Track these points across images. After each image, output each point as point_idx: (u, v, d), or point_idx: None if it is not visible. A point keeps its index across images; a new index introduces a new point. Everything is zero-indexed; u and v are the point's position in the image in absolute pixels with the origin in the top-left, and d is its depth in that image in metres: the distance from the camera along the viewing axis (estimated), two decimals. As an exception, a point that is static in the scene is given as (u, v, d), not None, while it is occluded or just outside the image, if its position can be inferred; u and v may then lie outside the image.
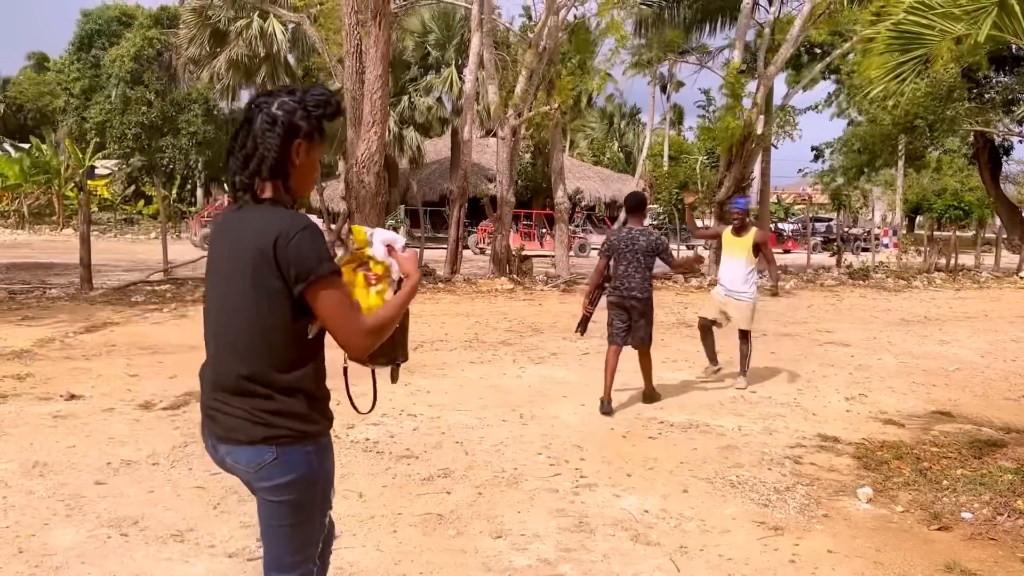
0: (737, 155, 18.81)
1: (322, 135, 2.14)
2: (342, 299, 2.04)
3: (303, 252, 1.99)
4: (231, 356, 2.10)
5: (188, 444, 5.18)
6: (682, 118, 62.76)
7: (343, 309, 2.04)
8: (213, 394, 2.16)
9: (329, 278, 2.01)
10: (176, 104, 34.65)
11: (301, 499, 2.12)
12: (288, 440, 2.07)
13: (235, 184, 2.11)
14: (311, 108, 2.08)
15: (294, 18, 20.41)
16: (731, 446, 5.58)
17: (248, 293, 2.05)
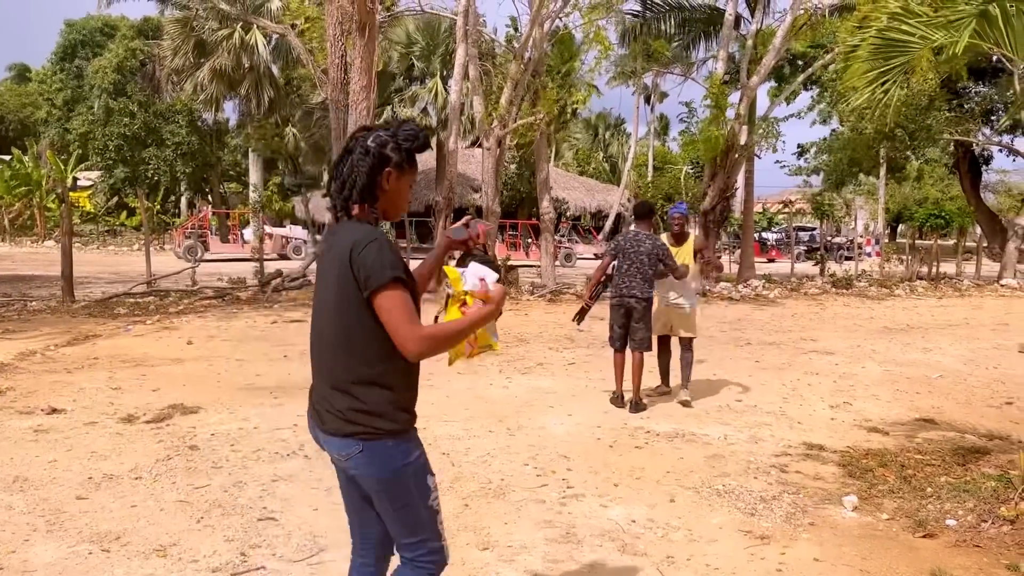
0: (721, 165, 18.95)
1: (412, 165, 2.38)
2: (400, 305, 2.23)
3: (370, 260, 2.21)
4: (327, 354, 2.36)
5: (171, 457, 5.14)
6: (667, 129, 63.07)
7: (399, 314, 2.22)
8: (315, 387, 2.43)
9: (389, 285, 2.21)
10: (159, 115, 34.50)
11: (392, 489, 2.34)
12: (370, 436, 2.28)
13: (334, 205, 2.38)
14: (401, 141, 2.34)
15: (278, 29, 20.41)
16: (717, 455, 5.59)
17: (336, 297, 2.31)
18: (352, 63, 15.18)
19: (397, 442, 2.32)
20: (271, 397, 6.99)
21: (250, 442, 5.53)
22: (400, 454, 2.32)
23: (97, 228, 36.23)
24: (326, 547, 3.84)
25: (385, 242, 2.25)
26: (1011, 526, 4.27)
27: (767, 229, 43.92)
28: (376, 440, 2.28)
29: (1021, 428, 6.36)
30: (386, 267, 2.21)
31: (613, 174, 53.20)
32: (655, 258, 6.80)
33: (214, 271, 19.10)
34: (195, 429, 5.83)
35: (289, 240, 29.16)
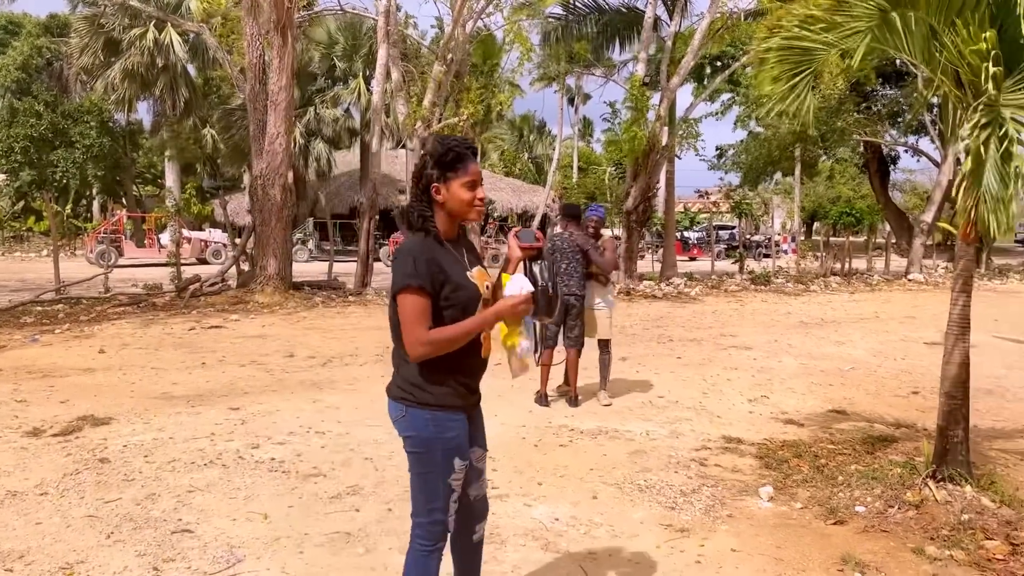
0: (643, 166, 19.25)
1: (454, 171, 2.63)
2: (407, 310, 2.55)
3: (396, 267, 2.58)
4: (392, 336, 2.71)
5: (80, 471, 4.94)
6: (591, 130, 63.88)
7: (406, 318, 2.55)
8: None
9: (403, 290, 2.54)
10: (68, 116, 33.10)
11: (421, 455, 2.65)
12: (410, 403, 2.62)
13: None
14: (433, 156, 2.64)
15: (193, 28, 19.85)
16: (639, 451, 5.68)
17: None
18: (271, 63, 14.90)
19: (434, 415, 2.62)
20: (188, 406, 6.79)
21: (165, 453, 5.36)
22: (434, 426, 2.62)
23: (2, 234, 34.57)
24: (244, 557, 3.74)
25: (415, 253, 2.56)
26: (916, 510, 4.46)
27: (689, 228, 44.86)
28: (414, 408, 2.62)
29: (926, 416, 6.65)
30: (405, 275, 2.54)
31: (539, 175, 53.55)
32: (587, 253, 7.04)
33: (129, 277, 18.46)
34: (106, 441, 5.62)
35: (208, 244, 28.38)
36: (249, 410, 6.62)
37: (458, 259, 2.68)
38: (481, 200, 2.68)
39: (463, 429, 2.68)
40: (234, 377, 8.09)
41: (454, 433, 2.65)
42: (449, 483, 2.66)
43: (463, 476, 2.70)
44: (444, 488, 2.66)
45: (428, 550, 2.71)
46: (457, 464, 2.66)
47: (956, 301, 4.82)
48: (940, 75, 4.73)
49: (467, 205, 2.65)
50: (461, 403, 2.68)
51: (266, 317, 12.75)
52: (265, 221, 14.97)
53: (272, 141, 14.76)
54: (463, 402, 2.69)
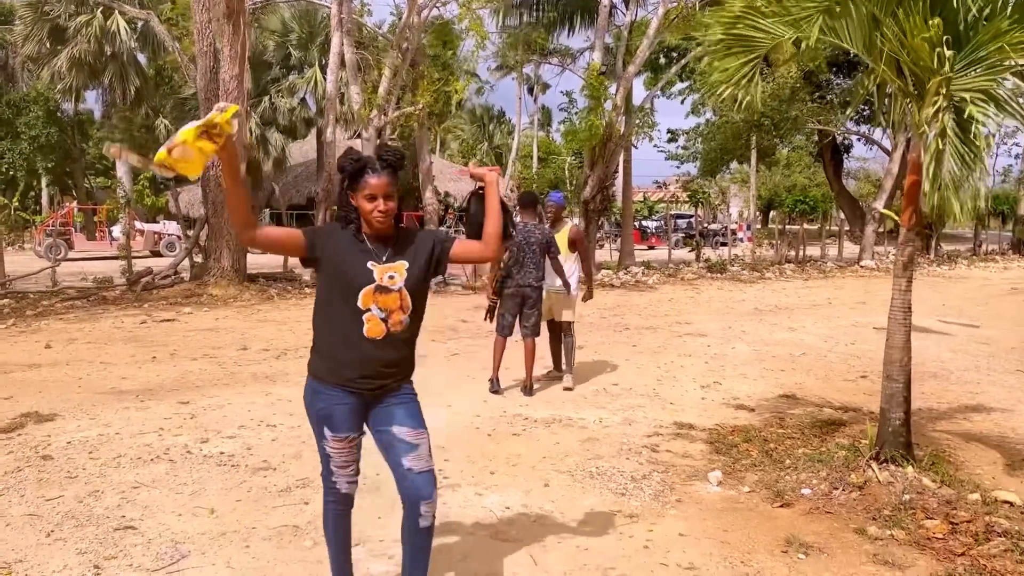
0: (600, 155, 19.31)
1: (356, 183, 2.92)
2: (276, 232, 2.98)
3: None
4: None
5: (22, 468, 4.83)
6: (550, 119, 63.85)
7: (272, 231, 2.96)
8: None
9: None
10: (13, 106, 32.20)
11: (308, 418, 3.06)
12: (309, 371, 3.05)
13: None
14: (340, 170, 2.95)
15: (141, 15, 19.41)
16: (592, 438, 5.71)
17: None
18: (222, 51, 14.62)
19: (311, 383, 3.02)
20: (137, 400, 6.66)
21: (110, 449, 5.25)
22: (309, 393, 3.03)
23: (-54, 227, 33.55)
24: (188, 553, 3.69)
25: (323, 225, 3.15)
26: (859, 492, 4.55)
27: (647, 217, 45.18)
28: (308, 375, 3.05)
29: (873, 400, 6.77)
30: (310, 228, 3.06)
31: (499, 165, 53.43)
32: (544, 246, 7.04)
33: (79, 270, 18.04)
34: (50, 438, 5.49)
35: (162, 236, 27.85)
36: (199, 404, 6.52)
37: (366, 251, 2.93)
38: (382, 212, 2.89)
39: (336, 403, 2.95)
40: (185, 371, 7.97)
41: (323, 404, 2.96)
42: (323, 447, 3.02)
43: (341, 448, 3.02)
44: (321, 451, 3.04)
45: (325, 500, 3.15)
46: (327, 433, 2.98)
47: (898, 286, 4.92)
48: (883, 65, 4.81)
49: (368, 214, 2.92)
50: (334, 380, 2.95)
51: (220, 310, 12.56)
52: (218, 212, 14.73)
53: (224, 131, 14.49)
54: (336, 380, 2.95)
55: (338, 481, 3.08)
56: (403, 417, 3.05)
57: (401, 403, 3.07)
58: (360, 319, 2.89)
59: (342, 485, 3.09)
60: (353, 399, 2.97)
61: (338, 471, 3.06)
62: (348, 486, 3.12)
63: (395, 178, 2.94)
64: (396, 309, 2.93)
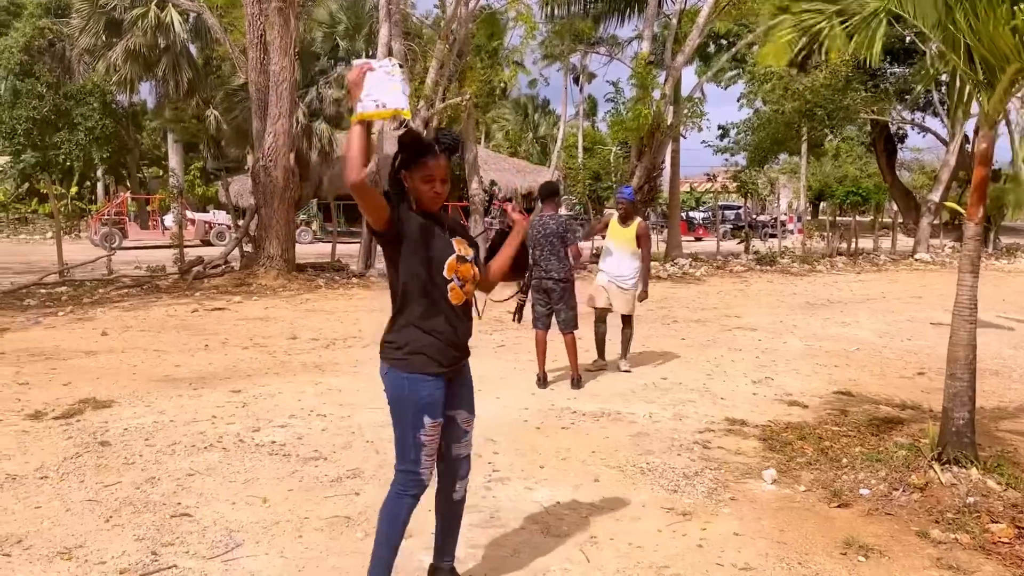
0: (647, 145, 19.11)
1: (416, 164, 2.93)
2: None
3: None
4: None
5: (81, 455, 4.92)
6: (596, 109, 63.43)
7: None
8: None
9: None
10: (70, 97, 32.98)
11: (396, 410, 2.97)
12: (391, 364, 2.96)
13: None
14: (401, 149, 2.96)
15: (193, 7, 19.69)
16: (642, 433, 5.64)
17: None
18: (272, 43, 14.76)
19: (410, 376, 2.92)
20: (190, 388, 6.77)
21: (165, 436, 5.34)
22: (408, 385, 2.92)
23: (7, 216, 34.54)
24: (242, 542, 3.72)
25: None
26: (920, 493, 4.42)
27: (694, 208, 44.67)
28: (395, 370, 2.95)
29: (931, 398, 6.59)
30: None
31: (544, 155, 53.29)
32: (561, 236, 6.94)
33: (132, 259, 18.45)
34: (107, 424, 5.60)
35: (212, 225, 28.35)
36: (251, 392, 6.60)
37: (437, 223, 2.98)
38: (438, 193, 2.95)
39: (437, 389, 2.95)
40: (236, 359, 8.07)
41: (426, 392, 2.92)
42: (419, 438, 2.93)
43: (436, 434, 2.97)
44: (414, 441, 2.93)
45: (400, 494, 3.01)
46: (427, 421, 2.92)
47: (963, 282, 4.75)
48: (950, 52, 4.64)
49: (425, 196, 2.95)
50: (435, 369, 2.94)
51: (269, 299, 12.72)
52: (268, 203, 14.91)
53: (274, 122, 14.66)
54: (437, 368, 2.94)
55: (424, 472, 3.00)
56: (464, 401, 3.14)
57: (464, 384, 3.15)
58: (446, 288, 2.96)
59: (427, 476, 3.02)
60: (444, 381, 3.00)
61: (426, 460, 2.99)
62: (430, 475, 3.06)
63: (450, 162, 3.01)
64: (469, 279, 3.04)
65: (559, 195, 7.33)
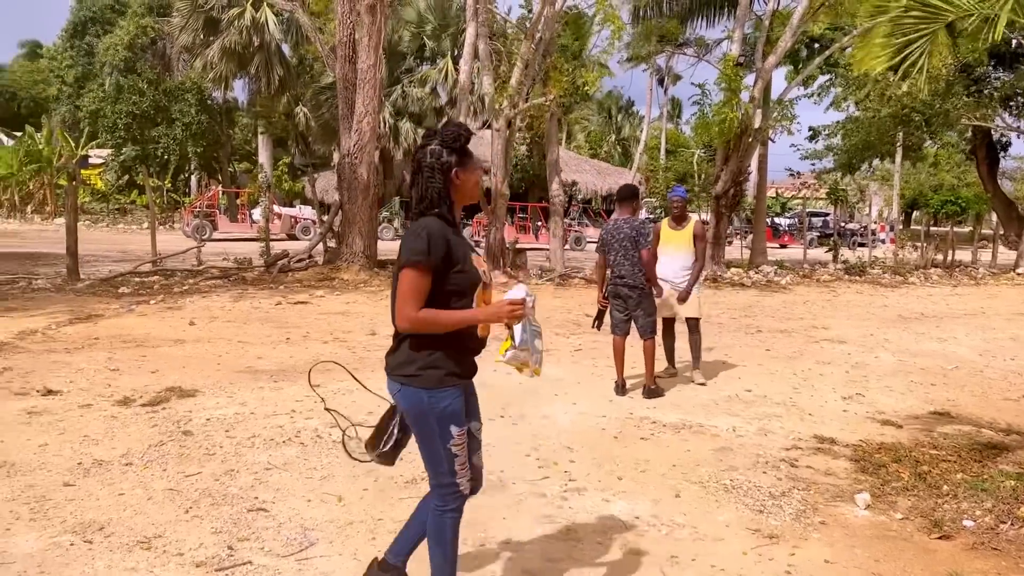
0: (734, 148, 18.64)
1: (468, 155, 2.82)
2: (405, 283, 2.68)
3: (405, 243, 2.72)
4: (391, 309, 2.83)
5: (164, 443, 5.02)
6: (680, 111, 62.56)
7: (403, 291, 2.68)
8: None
9: (407, 265, 2.67)
10: (169, 93, 34.27)
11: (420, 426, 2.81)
12: (405, 383, 2.78)
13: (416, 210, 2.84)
14: (450, 142, 2.78)
15: (287, 7, 20.16)
16: (725, 448, 5.43)
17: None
18: (360, 41, 14.96)
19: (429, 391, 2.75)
20: (271, 381, 6.86)
21: (246, 428, 5.41)
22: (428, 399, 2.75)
23: (107, 206, 36.15)
24: (316, 541, 3.70)
25: (431, 231, 2.68)
26: (1031, 528, 4.10)
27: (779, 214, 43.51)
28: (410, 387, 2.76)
29: (1040, 423, 6.17)
30: (415, 252, 2.66)
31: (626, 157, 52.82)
32: (634, 240, 6.70)
33: (221, 250, 19.00)
34: (191, 413, 5.71)
35: (298, 220, 29.02)
36: (329, 388, 6.62)
37: (467, 243, 2.85)
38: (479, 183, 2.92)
39: (457, 397, 2.80)
40: (317, 353, 8.16)
41: (447, 402, 2.77)
42: (449, 448, 2.81)
43: (463, 441, 2.84)
44: (446, 453, 2.81)
45: (441, 510, 2.90)
46: (454, 431, 2.80)
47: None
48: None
49: (473, 188, 2.86)
50: (453, 381, 2.79)
51: (350, 294, 12.89)
52: (352, 199, 15.12)
53: (360, 120, 14.87)
54: (455, 381, 2.80)
55: (461, 482, 2.88)
56: (474, 410, 3.03)
57: (472, 393, 3.03)
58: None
59: (465, 486, 2.91)
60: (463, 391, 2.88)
61: (461, 471, 2.87)
62: (468, 485, 2.94)
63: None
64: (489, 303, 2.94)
65: (636, 198, 7.10)
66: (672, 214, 7.55)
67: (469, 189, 2.84)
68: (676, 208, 7.49)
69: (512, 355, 2.82)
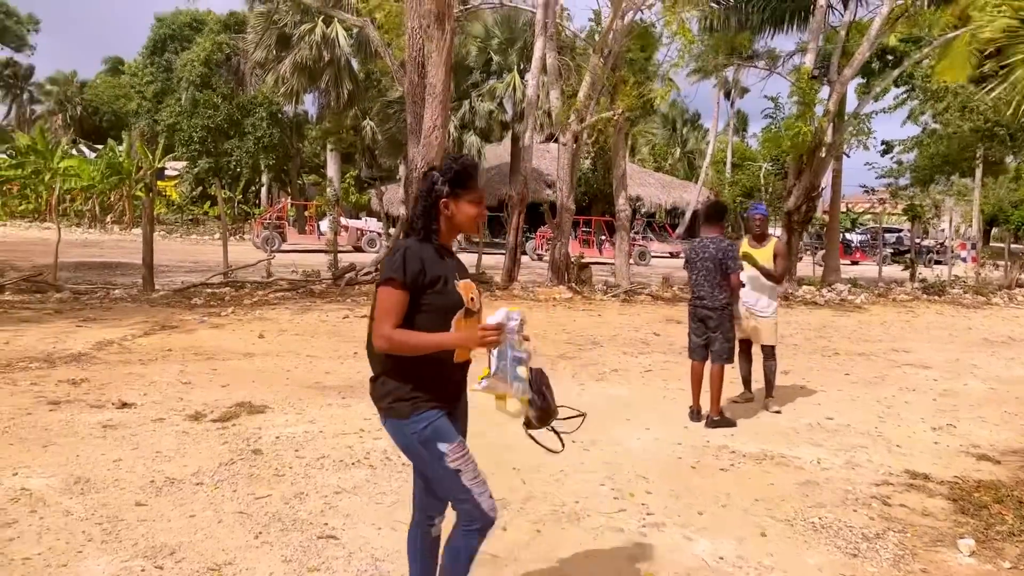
0: (807, 163, 18.15)
1: (464, 188, 2.84)
2: (382, 301, 2.70)
3: (386, 261, 2.79)
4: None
5: (235, 461, 4.99)
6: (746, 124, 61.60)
7: (380, 309, 2.71)
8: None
9: (384, 283, 2.71)
10: (242, 107, 35.17)
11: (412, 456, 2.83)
12: (386, 414, 2.80)
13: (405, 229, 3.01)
14: (444, 173, 2.83)
15: (357, 22, 20.42)
16: (811, 481, 5.14)
17: None
18: (429, 56, 15.01)
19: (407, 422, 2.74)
20: (339, 397, 6.82)
21: (315, 447, 5.34)
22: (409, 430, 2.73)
23: (181, 217, 37.19)
24: (388, 573, 3.58)
25: (407, 251, 2.72)
26: None
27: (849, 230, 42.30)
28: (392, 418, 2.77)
29: None
30: (391, 269, 2.70)
31: (691, 170, 52.16)
32: (718, 263, 6.43)
33: (290, 262, 19.27)
34: (260, 431, 5.68)
35: (364, 233, 29.32)
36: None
37: (452, 267, 2.83)
38: (483, 215, 2.90)
39: (437, 417, 2.74)
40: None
41: (423, 424, 2.73)
42: (448, 467, 2.73)
43: (460, 454, 2.74)
44: (446, 473, 2.74)
45: (466, 529, 2.80)
46: (443, 447, 2.72)
47: None
48: None
49: (472, 220, 2.86)
50: (427, 407, 2.74)
51: (416, 308, 12.85)
52: (418, 213, 15.13)
53: (428, 133, 14.88)
54: (429, 406, 2.74)
55: (481, 498, 2.75)
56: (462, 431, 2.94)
57: (461, 410, 2.95)
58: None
59: (487, 501, 2.76)
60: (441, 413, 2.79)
61: (473, 484, 2.74)
62: (490, 500, 2.79)
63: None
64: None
65: (724, 217, 6.85)
66: (752, 232, 7.27)
67: (460, 220, 2.84)
68: (757, 226, 7.22)
69: (487, 384, 2.70)
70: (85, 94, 59.61)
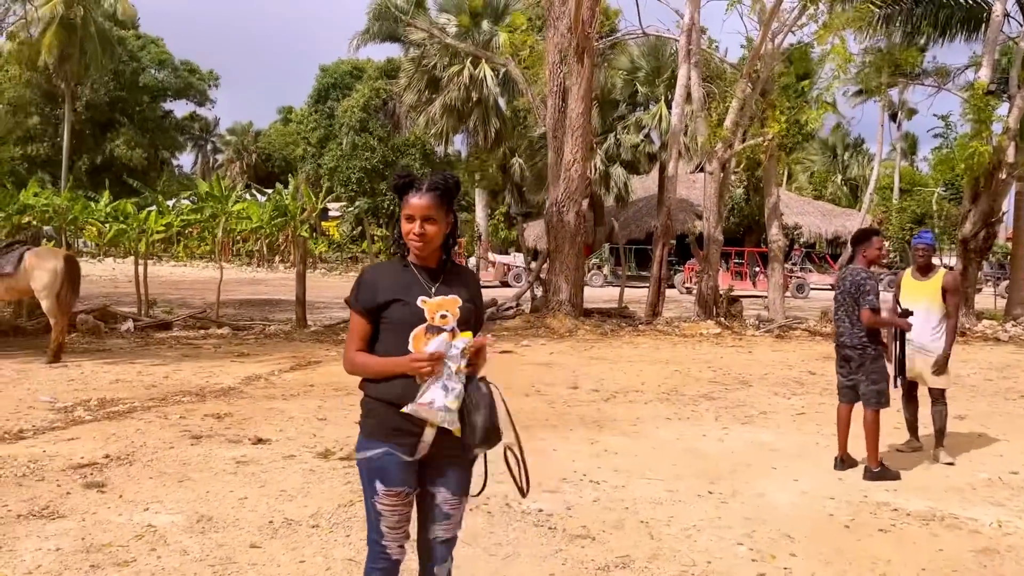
0: (985, 186, 16.58)
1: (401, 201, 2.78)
2: (351, 326, 2.82)
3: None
4: None
5: (354, 503, 4.89)
6: (915, 148, 57.83)
7: (349, 333, 2.82)
8: None
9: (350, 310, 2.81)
10: (396, 149, 36.65)
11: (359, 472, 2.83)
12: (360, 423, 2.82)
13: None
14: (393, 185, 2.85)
15: (503, 62, 20.78)
16: (989, 549, 4.44)
17: None
18: (570, 89, 14.96)
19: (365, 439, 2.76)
20: (467, 437, 6.66)
21: (435, 490, 5.18)
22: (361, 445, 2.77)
23: (341, 255, 39.01)
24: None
25: (362, 276, 2.83)
26: None
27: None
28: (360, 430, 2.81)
29: None
30: (351, 297, 2.78)
31: (854, 198, 49.44)
32: (853, 295, 5.77)
33: (436, 298, 19.60)
34: (384, 471, 5.60)
35: (510, 268, 29.61)
36: (524, 447, 6.31)
37: (416, 282, 2.73)
38: (417, 235, 2.72)
39: (387, 456, 2.69)
40: (515, 407, 7.80)
41: (372, 454, 2.71)
42: (373, 503, 2.71)
43: (395, 504, 2.71)
44: (370, 507, 2.74)
45: (369, 568, 2.78)
46: (379, 488, 2.69)
47: None
48: None
49: (404, 236, 2.77)
50: (380, 437, 2.71)
51: (555, 344, 12.66)
52: (559, 247, 15.02)
53: (568, 167, 14.79)
54: (386, 438, 2.70)
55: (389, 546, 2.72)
56: (451, 481, 2.84)
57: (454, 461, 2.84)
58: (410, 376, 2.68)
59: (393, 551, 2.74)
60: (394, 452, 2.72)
61: (389, 532, 2.71)
62: (400, 551, 2.77)
63: (441, 202, 2.74)
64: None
65: (866, 243, 6.13)
66: (916, 263, 6.53)
67: (404, 233, 2.78)
68: (921, 257, 6.46)
69: (412, 408, 2.64)
70: (259, 142, 64.32)
